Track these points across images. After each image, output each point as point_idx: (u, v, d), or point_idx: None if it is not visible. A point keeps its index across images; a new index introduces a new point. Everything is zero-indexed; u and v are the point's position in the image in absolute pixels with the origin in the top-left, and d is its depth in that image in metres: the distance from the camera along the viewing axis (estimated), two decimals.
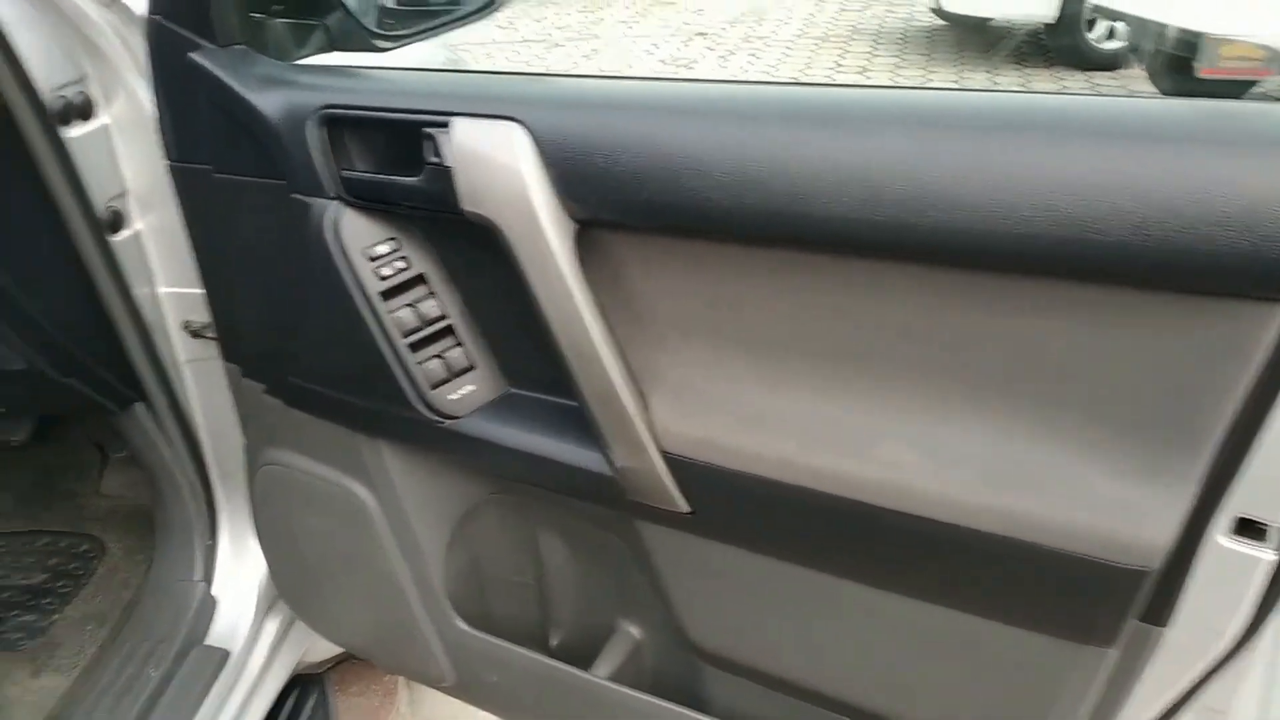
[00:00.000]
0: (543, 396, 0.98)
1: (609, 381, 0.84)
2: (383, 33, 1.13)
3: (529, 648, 1.13)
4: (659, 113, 0.78)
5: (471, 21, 1.22)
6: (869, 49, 6.61)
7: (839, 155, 0.67)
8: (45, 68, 1.13)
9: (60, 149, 1.16)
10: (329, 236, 0.97)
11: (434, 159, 0.87)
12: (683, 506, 0.86)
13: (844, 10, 7.83)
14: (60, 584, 1.54)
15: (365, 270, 0.97)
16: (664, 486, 0.86)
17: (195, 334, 1.38)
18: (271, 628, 1.50)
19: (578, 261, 0.83)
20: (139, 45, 1.21)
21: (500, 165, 0.83)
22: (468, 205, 0.85)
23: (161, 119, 1.15)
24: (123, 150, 1.27)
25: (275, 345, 1.13)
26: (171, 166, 1.16)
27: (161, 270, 1.35)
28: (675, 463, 0.84)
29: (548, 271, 0.84)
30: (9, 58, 1.09)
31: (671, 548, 0.92)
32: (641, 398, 0.85)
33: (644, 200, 0.77)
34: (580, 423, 0.91)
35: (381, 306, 0.97)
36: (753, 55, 6.61)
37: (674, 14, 8.00)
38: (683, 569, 0.93)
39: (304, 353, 1.08)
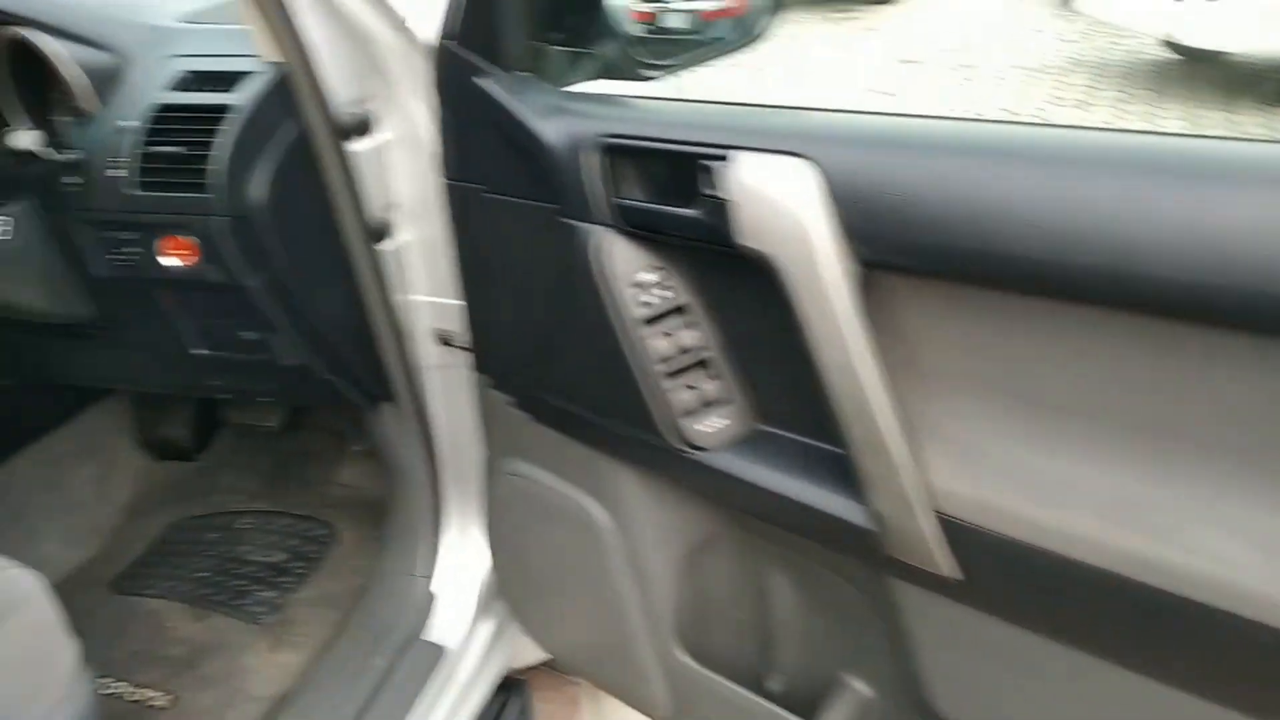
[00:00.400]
0: (797, 437, 0.95)
1: (882, 431, 0.81)
2: (651, 62, 1.15)
3: (747, 688, 1.10)
4: (966, 155, 0.74)
5: (734, 52, 1.22)
6: (1089, 82, 6.24)
7: (1189, 214, 0.61)
8: (340, 86, 1.21)
9: (345, 162, 1.24)
10: (596, 261, 0.98)
11: (711, 191, 0.86)
12: (952, 572, 0.81)
13: (1063, 41, 7.43)
14: (297, 565, 1.64)
15: (629, 296, 0.97)
16: (932, 548, 0.81)
17: (444, 342, 1.44)
18: (486, 629, 1.54)
19: (859, 304, 0.80)
20: (420, 67, 1.28)
21: (783, 201, 0.81)
22: (744, 240, 0.84)
23: (441, 138, 1.21)
24: (395, 165, 1.34)
25: (529, 361, 1.16)
26: (445, 183, 1.22)
27: (418, 279, 1.42)
28: (949, 524, 0.80)
29: (826, 312, 0.81)
30: (312, 78, 1.18)
31: (930, 611, 0.87)
32: (916, 452, 0.81)
33: (941, 246, 0.73)
34: (839, 469, 0.88)
35: (642, 333, 0.97)
36: (965, 81, 6.38)
37: (880, 43, 7.84)
38: (940, 635, 0.88)
39: (558, 372, 1.10)
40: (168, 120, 1.14)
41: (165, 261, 1.16)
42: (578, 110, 1.01)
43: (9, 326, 1.29)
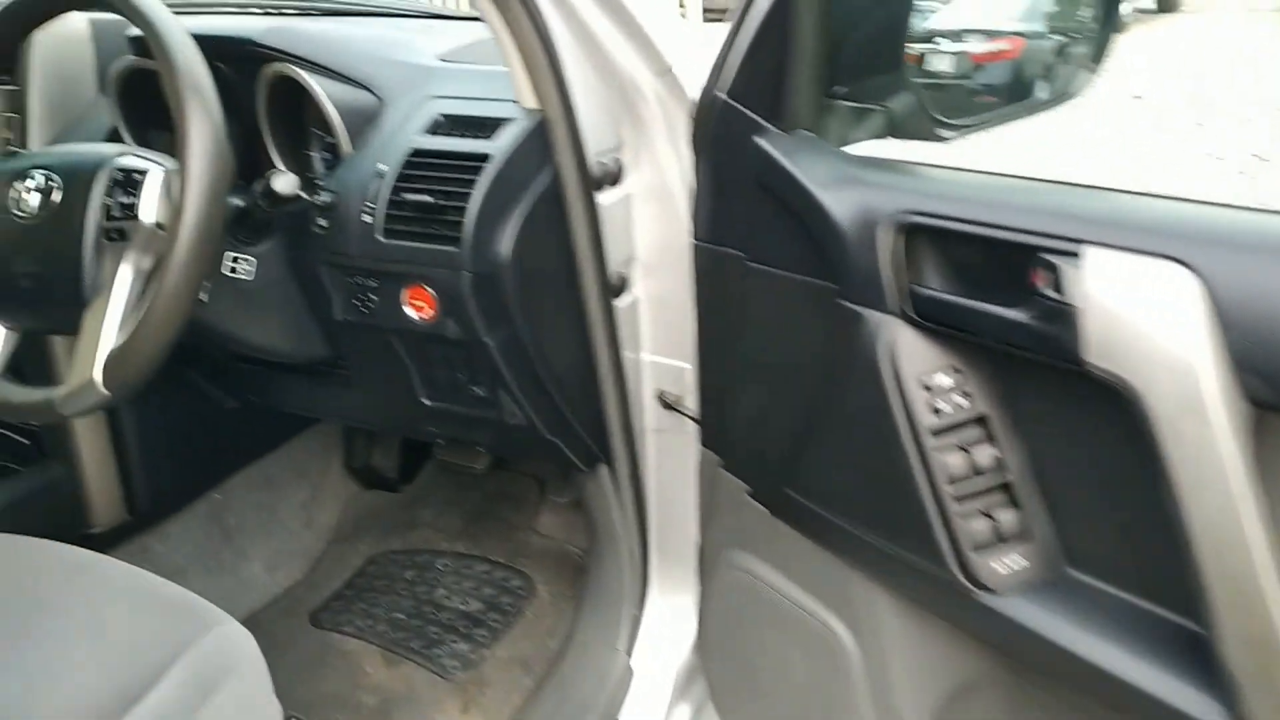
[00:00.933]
0: (1121, 594, 0.78)
1: (1273, 622, 0.63)
2: (947, 121, 1.00)
3: None
4: None
5: (1044, 111, 1.06)
6: None
7: None
8: (595, 134, 1.14)
9: (593, 215, 1.16)
10: (882, 355, 0.84)
11: (1051, 293, 0.71)
12: None
13: None
14: (492, 616, 1.58)
15: (918, 400, 0.83)
16: None
17: (667, 405, 1.34)
18: (682, 713, 1.43)
19: (1250, 455, 0.63)
20: (677, 117, 1.19)
21: (1153, 317, 0.66)
22: (1093, 358, 0.69)
23: (698, 195, 1.11)
24: (637, 218, 1.26)
25: (775, 451, 1.03)
26: (697, 245, 1.12)
27: (646, 337, 1.32)
28: None
29: (1202, 459, 0.65)
30: (572, 126, 1.10)
31: None
32: None
33: None
34: (1186, 649, 0.70)
35: (929, 444, 0.83)
36: (1198, 125, 5.82)
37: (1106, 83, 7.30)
38: None
39: (813, 470, 0.97)
40: (420, 166, 1.10)
41: (407, 312, 1.11)
42: (872, 180, 0.88)
43: (241, 358, 1.28)
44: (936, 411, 0.83)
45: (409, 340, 1.18)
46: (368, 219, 1.10)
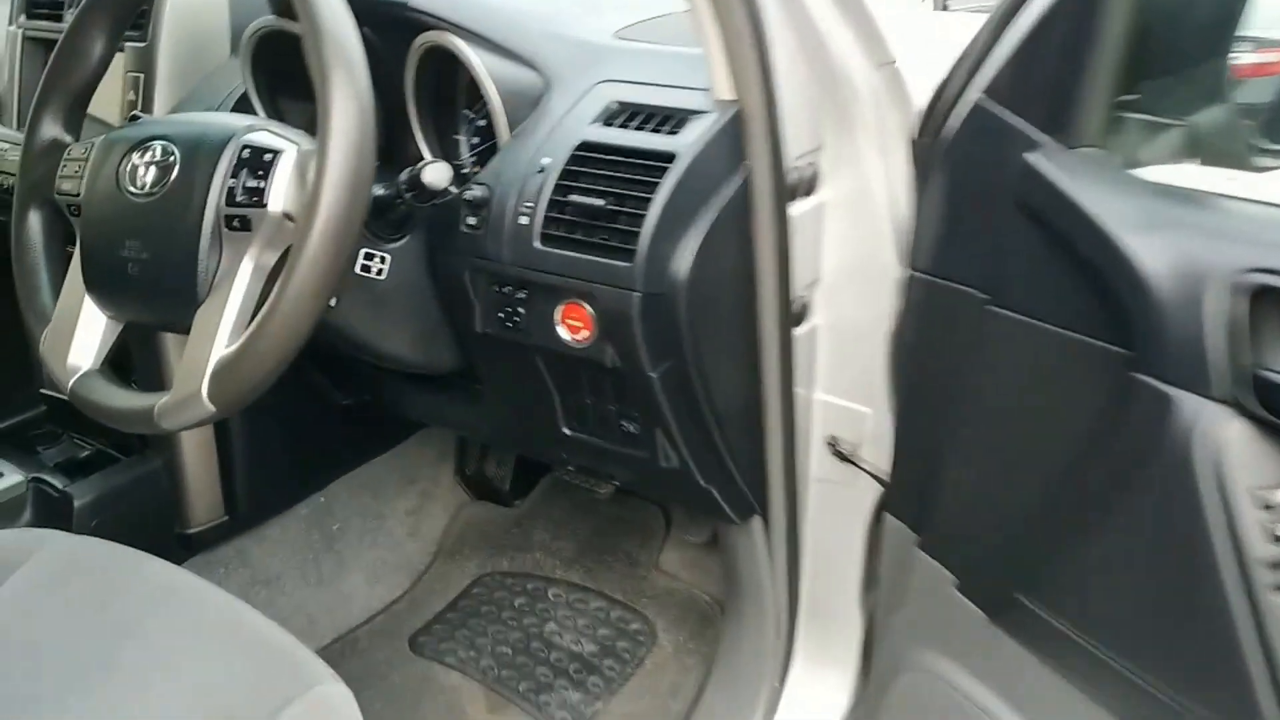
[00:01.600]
0: None
1: None
2: (1269, 146, 0.78)
3: None
4: None
5: None
6: None
7: None
8: (794, 134, 0.95)
9: (783, 229, 0.97)
10: (1199, 454, 0.64)
11: None
12: None
13: None
14: (608, 664, 1.41)
15: (1251, 521, 0.62)
16: None
17: (840, 455, 1.15)
18: None
19: None
20: (890, 119, 1.00)
21: None
22: None
23: (920, 217, 0.91)
24: (828, 234, 1.07)
25: (1008, 543, 0.83)
26: (914, 276, 0.92)
27: (823, 374, 1.13)
28: None
29: None
30: (773, 124, 0.91)
31: None
32: None
33: None
34: None
35: (1263, 581, 0.62)
36: None
37: None
38: None
39: (1065, 578, 0.77)
40: (590, 162, 0.92)
41: (560, 332, 0.94)
42: (1197, 223, 0.68)
43: (362, 362, 1.13)
44: (1278, 540, 0.62)
45: (556, 362, 1.01)
46: (524, 220, 0.93)
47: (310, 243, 0.75)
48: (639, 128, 0.94)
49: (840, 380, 1.13)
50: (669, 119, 0.94)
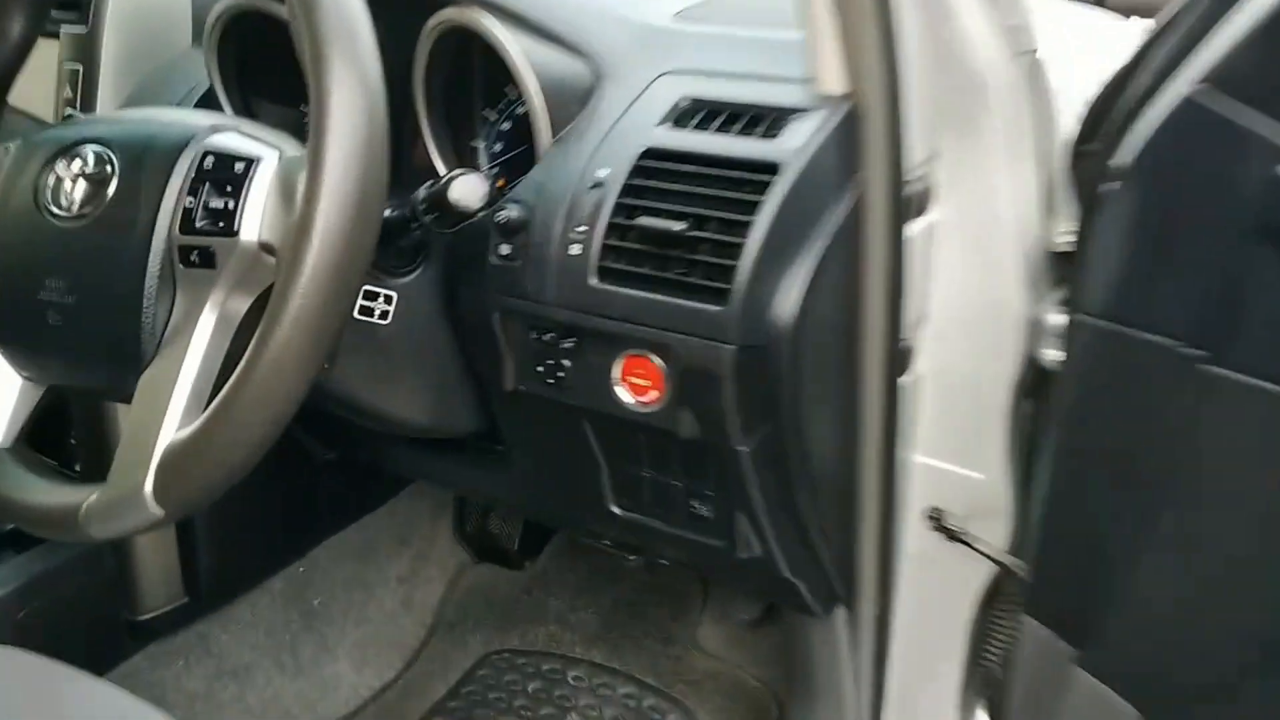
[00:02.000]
0: None
1: None
2: None
3: None
4: None
5: None
6: None
7: None
8: (913, 138, 0.74)
9: (898, 254, 0.77)
10: None
11: None
12: None
13: None
14: None
15: None
16: None
17: (943, 529, 0.94)
18: None
19: None
20: (1023, 120, 0.80)
21: None
22: None
23: (1092, 247, 0.71)
24: (940, 262, 0.86)
25: (1226, 681, 0.63)
26: (1080, 322, 0.71)
27: (925, 433, 0.92)
28: None
29: None
30: (896, 126, 0.71)
31: None
32: None
33: None
34: None
35: None
36: None
37: None
38: None
39: None
40: (661, 175, 0.71)
41: (619, 393, 0.73)
42: None
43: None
44: None
45: (609, 429, 0.80)
46: (575, 250, 0.72)
47: (299, 285, 0.54)
48: (720, 130, 0.73)
49: (946, 440, 0.92)
50: (759, 119, 0.73)
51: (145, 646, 1.17)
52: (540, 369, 0.77)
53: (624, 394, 0.74)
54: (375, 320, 0.76)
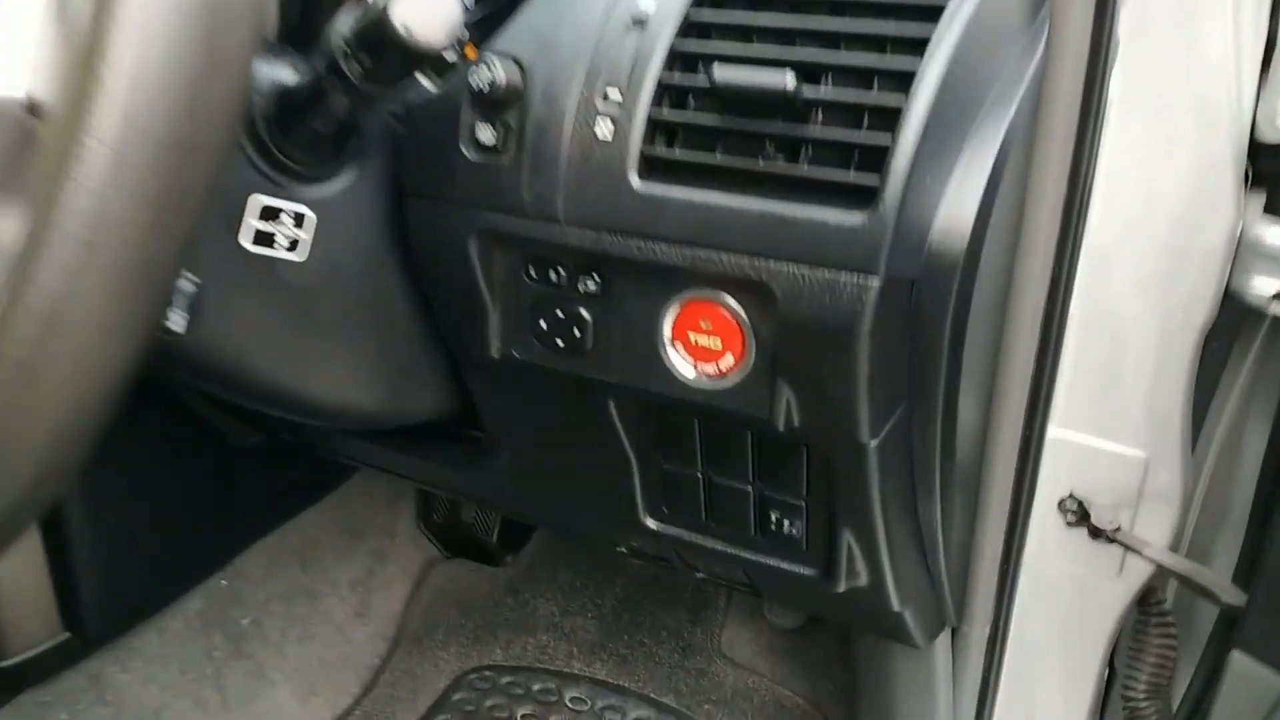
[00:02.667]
0: None
1: None
2: None
3: None
4: None
5: None
6: None
7: None
8: None
9: (1094, 136, 0.51)
10: None
11: None
12: None
13: None
14: None
15: None
16: None
17: (1092, 530, 0.69)
18: None
19: None
20: None
21: None
22: None
23: None
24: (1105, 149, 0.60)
25: None
26: None
27: (1065, 399, 0.67)
28: None
29: None
30: None
31: None
32: None
33: None
34: None
35: None
36: None
37: None
38: None
39: None
40: (728, 31, 0.44)
41: (673, 360, 0.46)
42: None
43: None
44: None
45: (647, 412, 0.53)
46: (604, 131, 0.44)
47: (79, 179, 0.26)
48: None
49: (1096, 406, 0.67)
50: None
51: (15, 697, 0.90)
52: (544, 325, 0.49)
53: (679, 361, 0.47)
54: (280, 255, 0.47)
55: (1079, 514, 0.72)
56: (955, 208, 0.42)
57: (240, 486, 1.02)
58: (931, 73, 0.39)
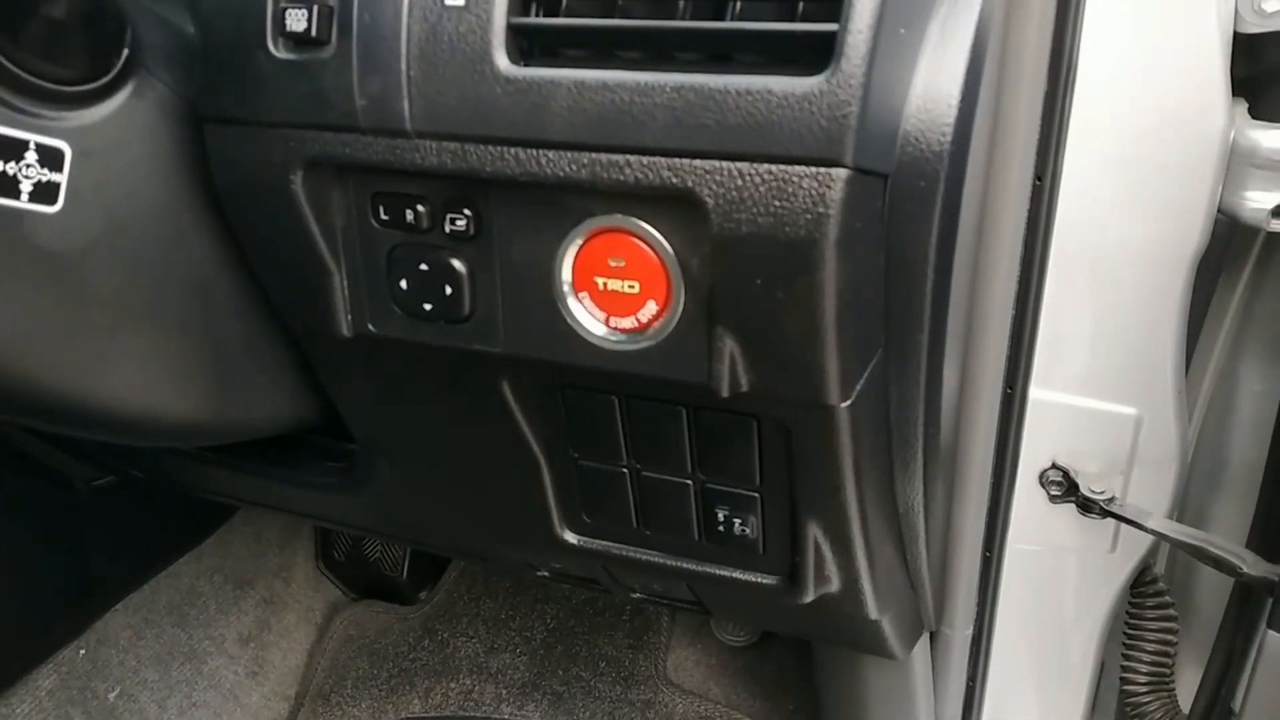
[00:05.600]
0: None
1: None
2: None
3: None
4: None
5: None
6: None
7: None
8: None
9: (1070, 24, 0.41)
10: None
11: None
12: None
13: None
14: None
15: None
16: None
17: (1082, 502, 0.60)
18: None
19: None
20: None
21: None
22: None
23: None
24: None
25: None
26: None
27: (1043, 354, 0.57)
28: None
29: None
30: None
31: None
32: None
33: None
34: None
35: None
36: None
37: None
38: None
39: None
40: None
41: (577, 315, 0.34)
42: None
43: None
44: None
45: (551, 391, 0.41)
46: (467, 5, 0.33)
47: None
48: None
49: (1078, 361, 0.58)
50: None
51: None
52: (404, 285, 0.37)
53: (585, 317, 0.35)
54: (25, 205, 0.35)
55: (1065, 485, 0.63)
56: (934, 84, 0.32)
57: (94, 537, 0.87)
58: None
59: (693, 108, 0.30)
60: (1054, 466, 0.62)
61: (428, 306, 0.38)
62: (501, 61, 0.32)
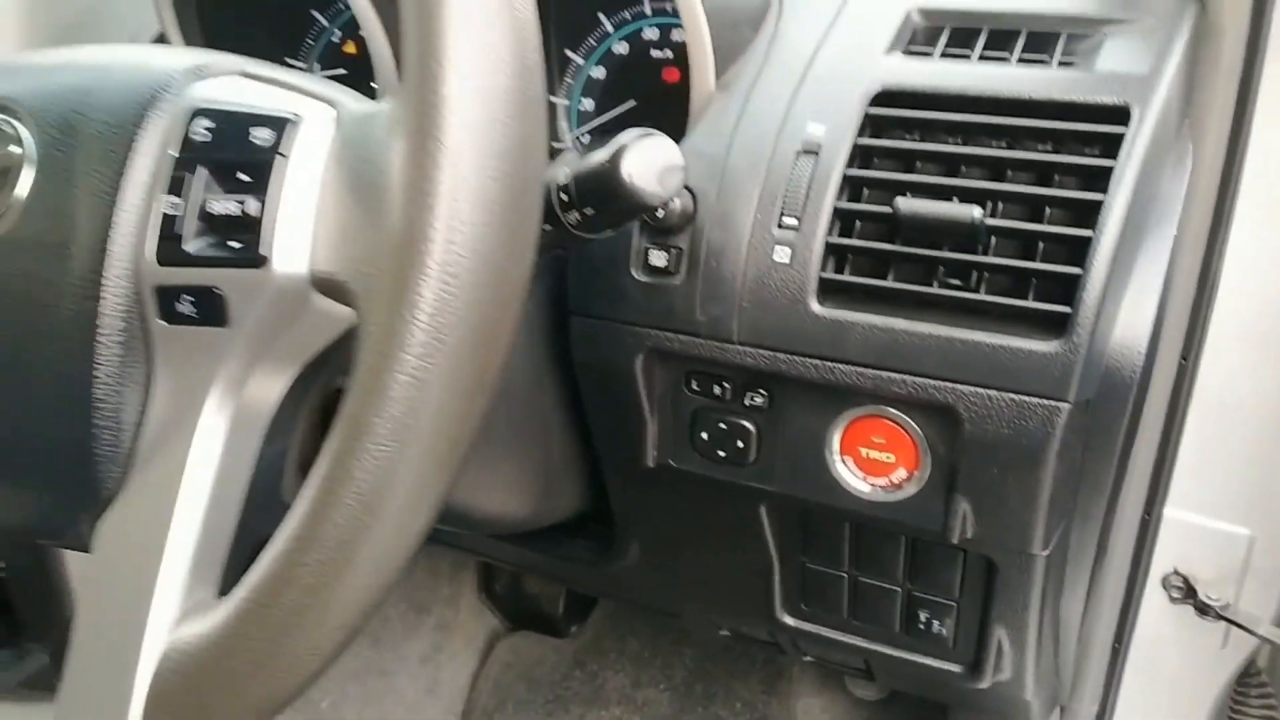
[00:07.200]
0: None
1: None
2: None
3: None
4: None
5: None
6: None
7: None
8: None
9: (1225, 226, 0.53)
10: None
11: None
12: None
13: None
14: None
15: None
16: None
17: (1200, 606, 0.71)
18: None
19: None
20: None
21: None
22: None
23: None
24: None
25: None
26: None
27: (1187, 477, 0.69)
28: None
29: None
30: (1258, 27, 0.47)
31: None
32: None
33: None
34: None
35: None
36: None
37: None
38: None
39: None
40: (904, 128, 0.46)
41: (841, 472, 0.47)
42: None
43: None
44: None
45: (798, 518, 0.54)
46: (782, 256, 0.46)
47: (416, 354, 0.27)
48: (989, 57, 0.48)
49: (1202, 486, 0.68)
50: (1046, 38, 0.47)
51: None
52: (705, 437, 0.51)
53: (849, 475, 0.48)
54: None
55: (1184, 590, 0.74)
56: (1130, 328, 0.43)
57: None
58: (1118, 203, 0.41)
59: (956, 350, 0.43)
60: (1175, 573, 0.73)
61: (721, 454, 0.51)
62: (814, 305, 0.45)
